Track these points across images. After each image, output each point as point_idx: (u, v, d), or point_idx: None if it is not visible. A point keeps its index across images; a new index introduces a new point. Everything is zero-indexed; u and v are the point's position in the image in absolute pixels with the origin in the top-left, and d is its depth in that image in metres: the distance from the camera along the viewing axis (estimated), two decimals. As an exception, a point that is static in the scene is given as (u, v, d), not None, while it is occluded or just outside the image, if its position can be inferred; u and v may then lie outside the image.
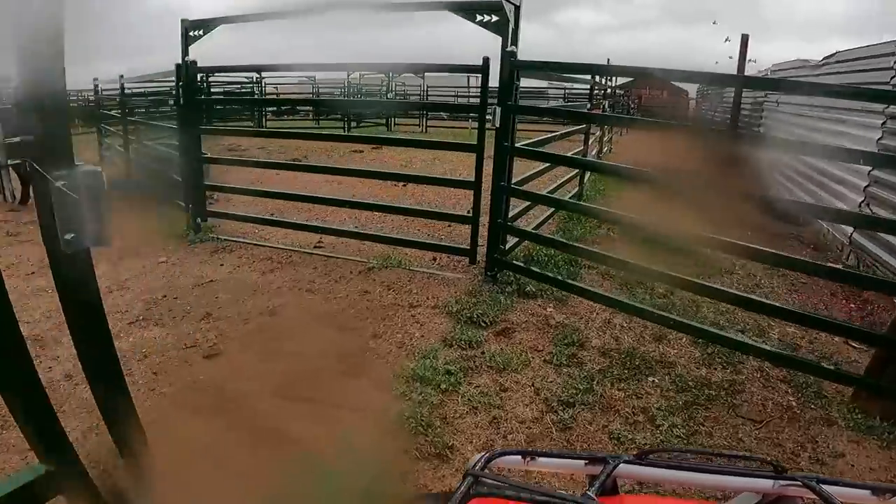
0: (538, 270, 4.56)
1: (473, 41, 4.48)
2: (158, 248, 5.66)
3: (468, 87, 23.66)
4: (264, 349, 3.57)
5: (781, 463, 0.92)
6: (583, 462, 0.96)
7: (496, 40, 4.24)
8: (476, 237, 4.87)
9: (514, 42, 4.20)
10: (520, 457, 0.97)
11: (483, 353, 3.68)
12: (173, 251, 5.56)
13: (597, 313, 4.36)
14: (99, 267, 4.21)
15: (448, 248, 5.11)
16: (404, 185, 8.94)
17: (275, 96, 20.44)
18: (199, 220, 5.96)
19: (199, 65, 5.39)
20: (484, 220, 4.83)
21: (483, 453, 0.95)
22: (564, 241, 4.56)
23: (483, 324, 4.04)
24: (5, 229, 6.43)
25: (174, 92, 5.54)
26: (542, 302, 4.50)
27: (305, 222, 5.62)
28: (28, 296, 4.51)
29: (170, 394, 3.23)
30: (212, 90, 18.26)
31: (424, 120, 19.81)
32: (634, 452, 0.95)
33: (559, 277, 4.47)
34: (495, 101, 4.32)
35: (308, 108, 20.16)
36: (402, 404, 3.04)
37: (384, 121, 20.17)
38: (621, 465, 0.90)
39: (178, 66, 5.31)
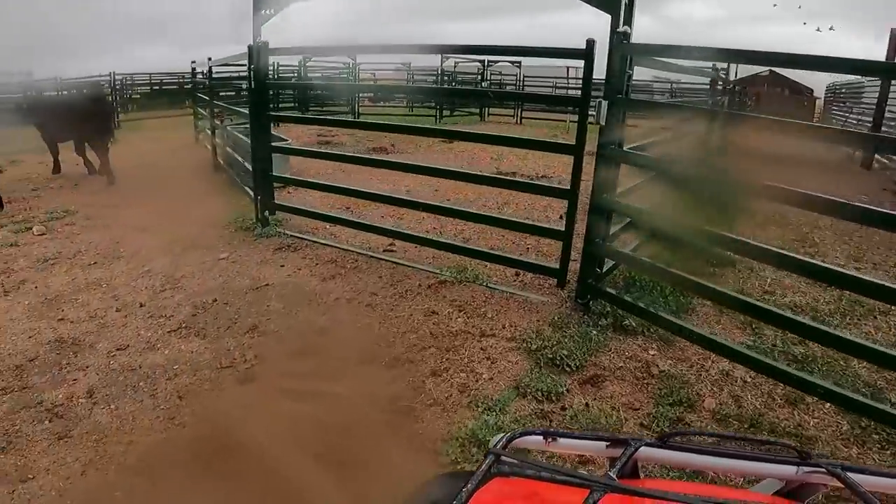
0: (640, 305, 3.73)
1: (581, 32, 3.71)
2: (225, 240, 5.35)
3: (567, 77, 22.45)
4: (303, 381, 3.04)
5: (806, 449, 0.85)
6: (604, 444, 0.95)
7: (596, 26, 3.45)
8: (568, 256, 4.11)
9: (628, 21, 3.37)
10: (541, 437, 0.96)
11: (563, 408, 2.96)
12: (237, 246, 5.22)
13: (712, 362, 3.50)
14: (159, 260, 3.86)
15: (534, 265, 4.36)
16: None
17: (372, 82, 20.38)
18: (266, 213, 5.59)
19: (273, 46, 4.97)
20: (579, 226, 4.08)
21: (505, 433, 0.95)
22: (673, 270, 3.69)
23: (567, 368, 3.31)
24: (84, 213, 6.40)
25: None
26: (644, 342, 3.69)
27: (376, 224, 5.06)
28: (82, 289, 4.28)
29: (188, 425, 2.77)
30: (309, 75, 18.43)
31: (520, 111, 18.89)
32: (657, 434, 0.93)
33: (665, 315, 3.62)
34: (597, 92, 3.53)
35: (402, 94, 19.91)
36: (451, 479, 2.38)
37: (478, 110, 19.48)
38: (643, 448, 0.88)
39: (249, 47, 4.92)
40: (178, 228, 5.72)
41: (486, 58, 19.88)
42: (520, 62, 20.78)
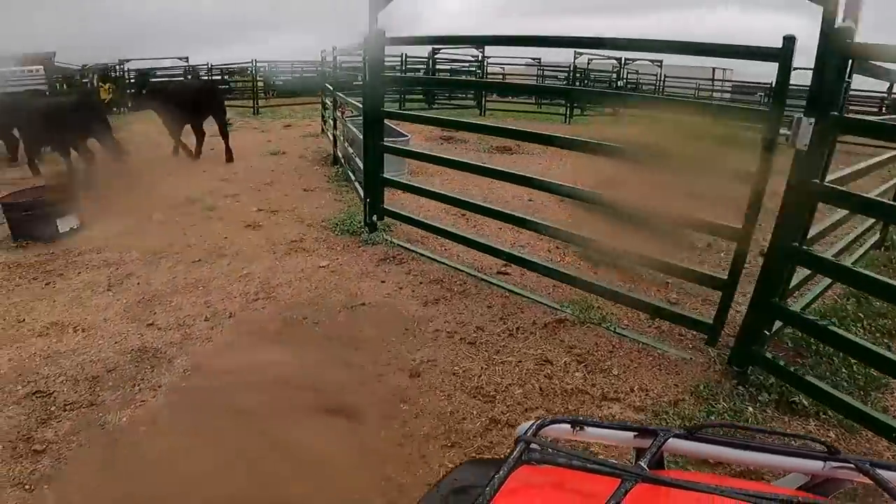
0: (813, 382, 2.82)
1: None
2: (329, 244, 5.03)
3: (712, 79, 20.32)
4: (376, 446, 2.55)
5: (834, 444, 0.89)
6: (632, 434, 0.94)
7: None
8: (727, 309, 3.26)
9: (853, 15, 2.48)
10: (569, 425, 0.94)
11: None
12: (340, 252, 4.86)
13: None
14: (261, 262, 3.52)
15: (678, 316, 3.52)
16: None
17: (500, 78, 19.78)
18: (374, 217, 5.20)
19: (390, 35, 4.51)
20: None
21: (534, 421, 0.92)
22: (871, 347, 2.72)
23: (717, 462, 2.52)
24: (205, 201, 6.42)
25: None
26: (817, 427, 2.81)
27: (490, 243, 4.43)
28: (179, 290, 4.11)
29: (242, 481, 2.36)
30: (437, 67, 18.19)
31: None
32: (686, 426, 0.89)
33: (844, 398, 2.71)
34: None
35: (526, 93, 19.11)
36: None
37: (612, 111, 18.16)
38: (671, 439, 0.87)
39: (365, 36, 4.50)
40: (287, 226, 5.52)
41: (623, 55, 18.58)
42: (661, 61, 19.17)
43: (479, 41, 9.77)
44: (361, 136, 5.29)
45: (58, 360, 3.24)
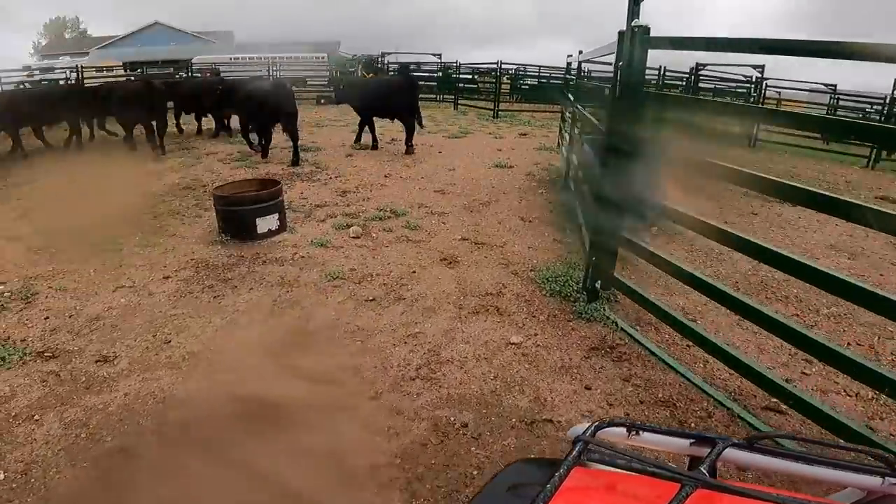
0: None
1: None
2: (530, 310, 3.85)
3: None
4: None
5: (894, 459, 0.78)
6: (689, 442, 0.90)
7: None
8: None
9: None
10: (624, 429, 0.92)
11: None
12: (543, 325, 3.65)
13: None
14: (439, 319, 2.47)
15: None
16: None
17: (774, 104, 16.49)
18: (598, 283, 3.89)
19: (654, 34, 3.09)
20: None
21: (591, 423, 0.90)
22: None
23: None
24: (409, 218, 5.74)
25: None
26: None
27: (755, 364, 2.82)
28: (335, 339, 3.41)
29: None
30: (699, 85, 15.73)
31: None
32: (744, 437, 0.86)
33: None
34: None
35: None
36: None
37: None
38: (728, 448, 0.84)
39: (620, 34, 3.16)
40: (487, 269, 4.50)
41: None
42: None
43: (780, 48, 7.75)
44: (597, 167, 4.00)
45: (171, 405, 2.67)
